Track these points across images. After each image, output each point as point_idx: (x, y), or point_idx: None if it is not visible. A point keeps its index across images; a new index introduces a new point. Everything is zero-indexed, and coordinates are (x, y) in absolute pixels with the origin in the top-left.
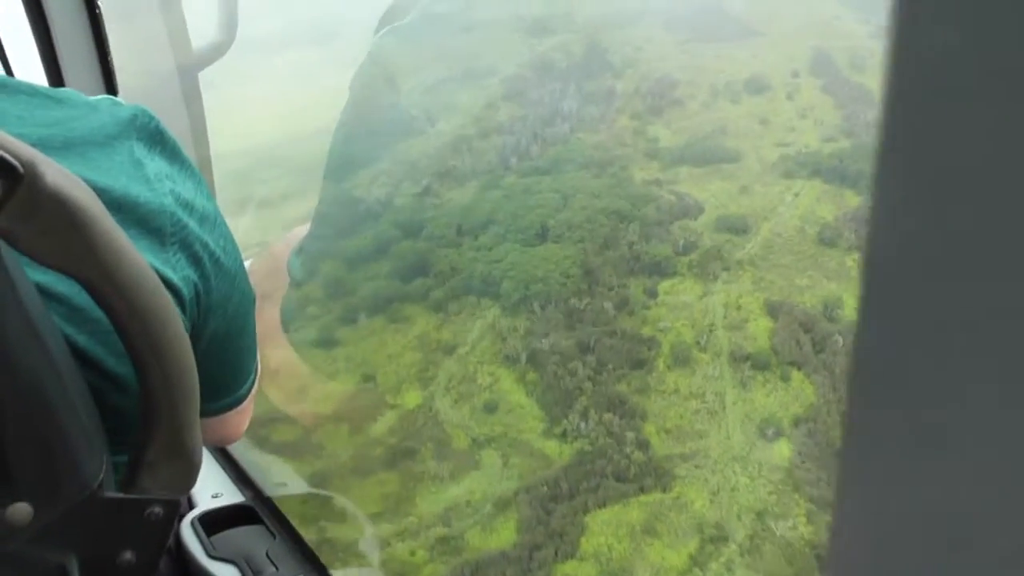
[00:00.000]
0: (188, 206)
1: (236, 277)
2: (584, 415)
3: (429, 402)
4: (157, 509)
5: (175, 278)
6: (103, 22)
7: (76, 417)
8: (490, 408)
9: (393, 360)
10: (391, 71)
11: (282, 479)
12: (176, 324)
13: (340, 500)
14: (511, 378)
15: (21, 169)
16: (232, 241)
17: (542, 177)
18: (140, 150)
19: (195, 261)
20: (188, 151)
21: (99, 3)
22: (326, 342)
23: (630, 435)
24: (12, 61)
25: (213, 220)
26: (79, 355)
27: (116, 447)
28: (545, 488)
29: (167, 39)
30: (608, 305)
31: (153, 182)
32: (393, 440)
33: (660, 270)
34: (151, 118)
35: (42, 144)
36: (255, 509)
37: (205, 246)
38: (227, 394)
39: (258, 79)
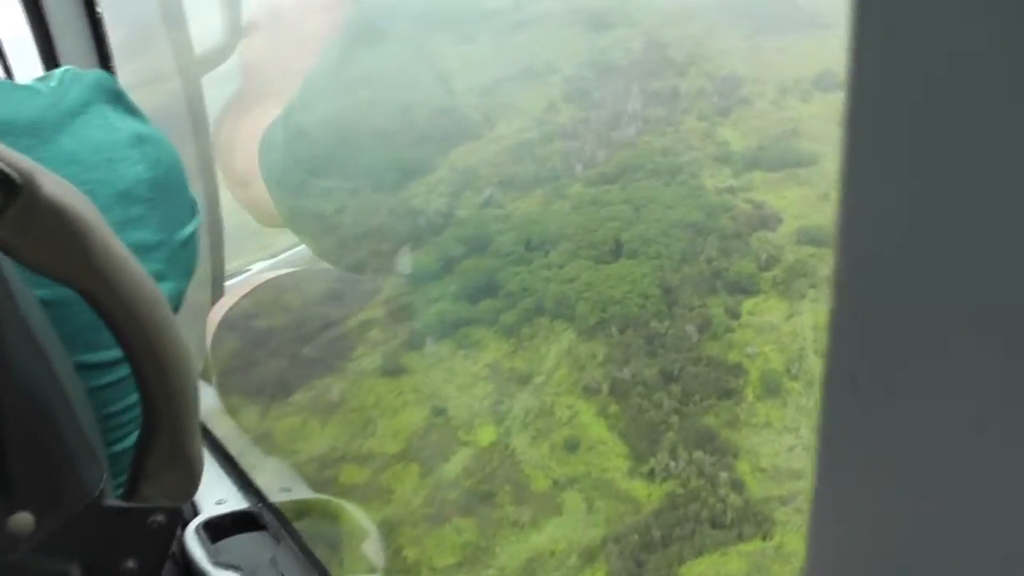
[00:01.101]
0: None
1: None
2: (672, 452)
3: (505, 439)
4: (159, 517)
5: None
6: (104, 25)
7: (76, 425)
8: (571, 445)
9: (464, 391)
10: (442, 71)
11: (359, 526)
12: (175, 332)
13: (343, 504)
14: (591, 411)
15: (19, 180)
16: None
17: (610, 186)
18: (108, 111)
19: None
20: (190, 154)
21: (99, 6)
22: (391, 370)
23: (724, 475)
24: (12, 64)
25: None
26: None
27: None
28: (635, 536)
29: (169, 42)
30: (691, 328)
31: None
32: (468, 482)
33: (742, 288)
34: (111, 80)
35: (40, 125)
36: (259, 515)
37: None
38: None
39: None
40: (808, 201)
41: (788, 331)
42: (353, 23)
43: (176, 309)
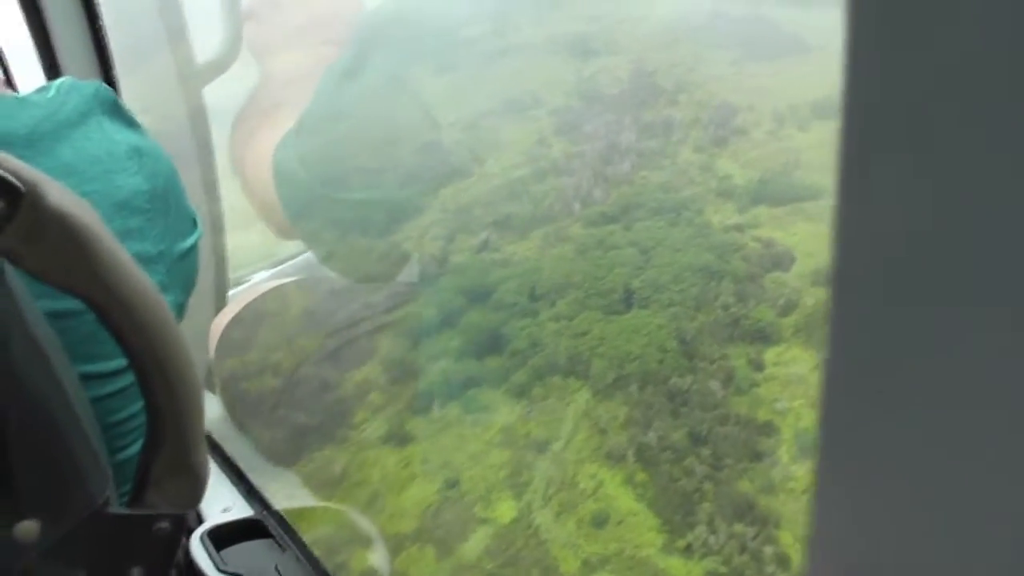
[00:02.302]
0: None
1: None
2: (710, 524)
3: (527, 515)
4: (164, 524)
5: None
6: (106, 34)
7: (82, 434)
8: (599, 520)
9: (478, 461)
10: (425, 104)
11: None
12: (179, 339)
13: (347, 511)
14: (617, 480)
15: (23, 189)
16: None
17: (612, 226)
18: (106, 123)
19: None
20: (192, 166)
21: (101, 15)
22: (396, 438)
23: (768, 549)
24: (15, 73)
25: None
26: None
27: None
28: None
29: (171, 53)
30: (714, 384)
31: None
32: (490, 565)
33: (762, 336)
34: (109, 91)
35: (38, 136)
36: (265, 523)
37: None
38: None
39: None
40: (819, 238)
41: (816, 383)
42: (359, 39)
43: (178, 321)
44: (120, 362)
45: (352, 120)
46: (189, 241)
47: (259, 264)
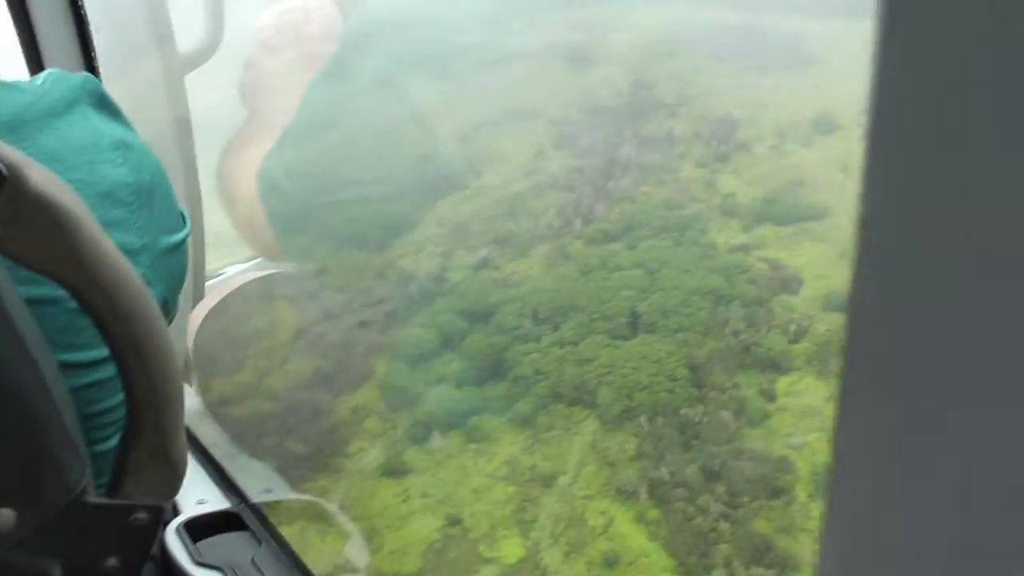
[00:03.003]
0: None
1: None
2: (728, 567)
3: (534, 555)
4: (142, 515)
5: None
6: (88, 22)
7: (59, 422)
8: (610, 561)
9: (481, 496)
10: (419, 112)
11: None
12: (161, 328)
13: (325, 504)
14: (628, 517)
15: (5, 172)
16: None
17: (615, 244)
18: (92, 114)
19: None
20: (173, 155)
21: (84, 4)
22: (394, 469)
23: None
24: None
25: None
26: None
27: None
28: None
29: (153, 41)
30: (726, 416)
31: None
32: None
33: (774, 364)
34: (96, 83)
35: (20, 122)
36: (241, 516)
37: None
38: None
39: None
40: (827, 259)
41: (831, 416)
42: (336, 57)
43: (168, 316)
44: (99, 352)
45: (343, 128)
46: (176, 237)
47: (236, 256)
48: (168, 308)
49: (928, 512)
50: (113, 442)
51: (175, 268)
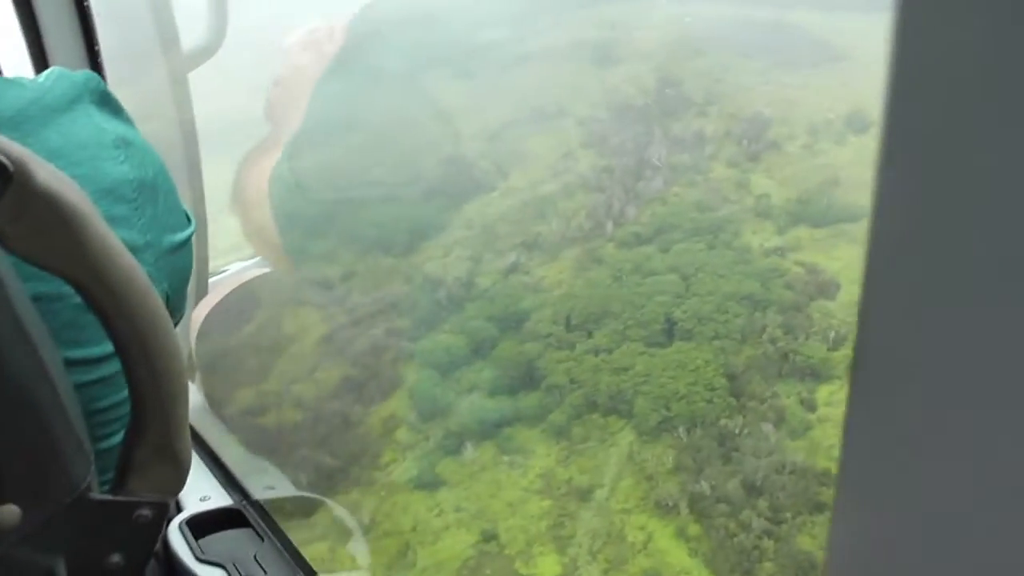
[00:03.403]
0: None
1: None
2: None
3: (572, 572)
4: (145, 512)
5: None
6: (93, 18)
7: (64, 418)
8: None
9: (516, 510)
10: (445, 112)
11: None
12: (166, 326)
13: (327, 502)
14: (668, 533)
15: (11, 168)
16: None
17: (647, 248)
18: (95, 111)
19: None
20: (178, 154)
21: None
22: (427, 482)
23: None
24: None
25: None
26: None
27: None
28: None
29: (157, 39)
30: (767, 427)
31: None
32: None
33: (813, 373)
34: (99, 81)
35: (23, 118)
36: (243, 512)
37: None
38: None
39: None
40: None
41: None
42: (342, 51)
43: (174, 315)
44: (104, 348)
45: (363, 128)
46: (181, 236)
47: (238, 253)
48: (172, 307)
49: (934, 511)
50: (117, 438)
51: (180, 266)
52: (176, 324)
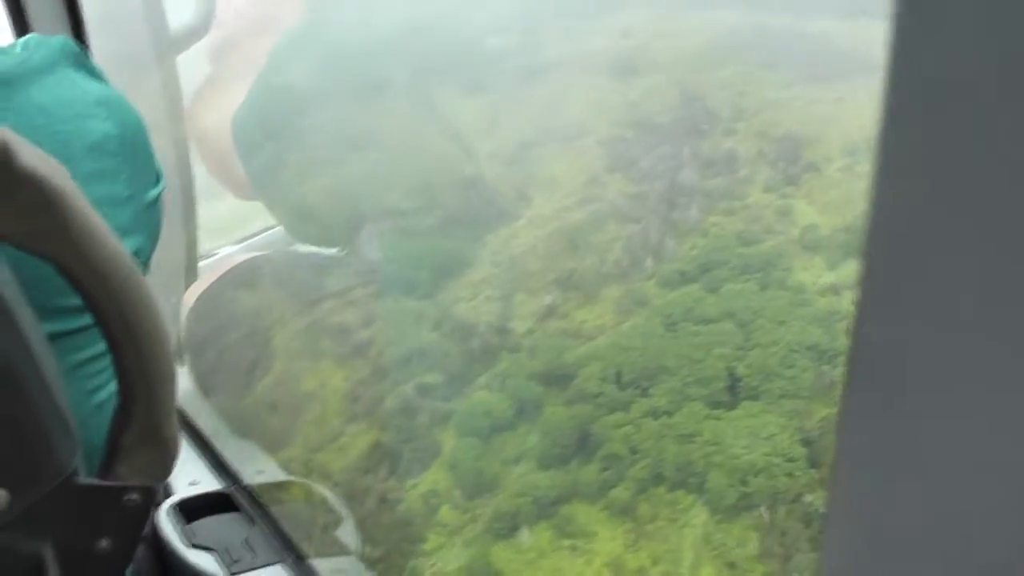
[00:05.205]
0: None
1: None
2: None
3: None
4: (134, 496)
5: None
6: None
7: (50, 401)
8: None
9: None
10: (458, 131)
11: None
12: (152, 308)
13: (317, 486)
14: None
15: None
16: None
17: (693, 287)
18: (74, 73)
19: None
20: (165, 136)
21: None
22: (480, 573)
23: None
24: None
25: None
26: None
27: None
28: None
29: (144, 20)
30: None
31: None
32: None
33: None
34: (75, 45)
35: (12, 77)
36: (233, 497)
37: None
38: None
39: None
40: None
41: None
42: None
43: (145, 268)
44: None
45: (370, 155)
46: (155, 192)
47: (228, 237)
48: (143, 260)
49: (926, 509)
50: (106, 392)
51: (154, 221)
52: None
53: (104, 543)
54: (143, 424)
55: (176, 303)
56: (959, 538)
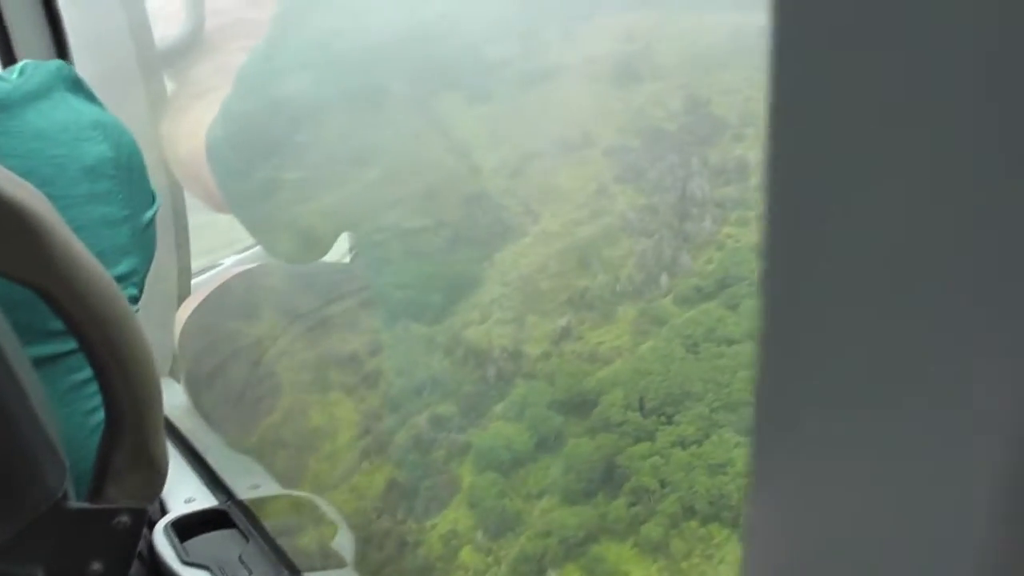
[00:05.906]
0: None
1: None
2: None
3: None
4: (124, 518)
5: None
6: (63, 22)
7: (37, 425)
8: None
9: None
10: (460, 143)
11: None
12: (136, 330)
13: (313, 499)
14: None
15: None
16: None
17: (711, 305)
18: (69, 96)
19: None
20: (154, 152)
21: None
22: None
23: None
24: None
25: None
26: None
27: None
28: None
29: (129, 36)
30: None
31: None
32: None
33: None
34: (70, 69)
35: (9, 102)
36: (228, 513)
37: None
38: None
39: None
40: None
41: None
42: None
43: (139, 289)
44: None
45: (375, 161)
46: (149, 214)
47: (221, 252)
48: (139, 280)
49: (845, 517)
50: (103, 414)
51: (149, 241)
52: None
53: (96, 566)
54: (131, 446)
55: (170, 320)
56: (875, 544)
